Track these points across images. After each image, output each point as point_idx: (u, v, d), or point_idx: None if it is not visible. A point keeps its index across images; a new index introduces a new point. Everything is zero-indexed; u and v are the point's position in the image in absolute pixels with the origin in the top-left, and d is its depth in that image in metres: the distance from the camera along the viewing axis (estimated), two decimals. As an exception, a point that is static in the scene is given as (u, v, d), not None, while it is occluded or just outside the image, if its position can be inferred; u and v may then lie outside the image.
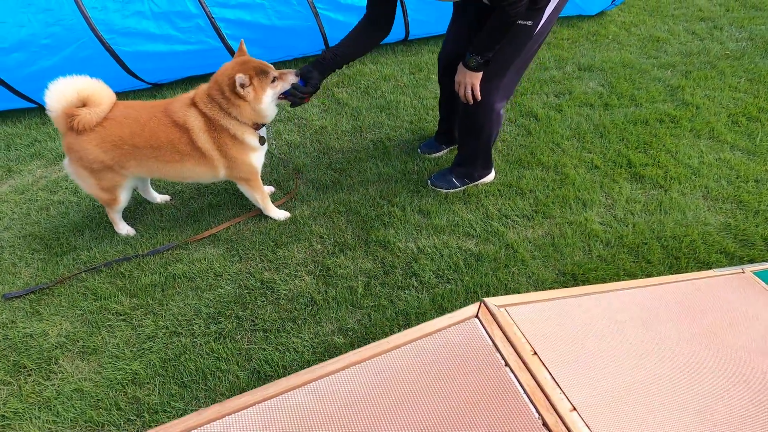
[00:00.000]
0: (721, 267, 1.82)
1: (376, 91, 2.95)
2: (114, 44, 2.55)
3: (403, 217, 2.13)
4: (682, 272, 1.93)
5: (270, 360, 1.62)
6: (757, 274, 1.45)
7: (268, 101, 1.75)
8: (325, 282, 1.87)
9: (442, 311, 1.78)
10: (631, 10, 3.95)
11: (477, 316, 0.92)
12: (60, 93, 1.60)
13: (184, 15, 2.64)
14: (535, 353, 0.87)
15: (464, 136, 2.13)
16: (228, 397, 1.54)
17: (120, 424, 1.47)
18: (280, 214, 2.09)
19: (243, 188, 1.99)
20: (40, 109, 2.78)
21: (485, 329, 0.89)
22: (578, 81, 3.07)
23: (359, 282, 1.87)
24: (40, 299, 1.81)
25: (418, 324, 1.72)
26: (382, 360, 0.84)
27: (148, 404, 1.51)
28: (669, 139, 2.59)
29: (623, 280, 1.91)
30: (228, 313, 1.76)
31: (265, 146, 1.94)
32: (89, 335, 1.70)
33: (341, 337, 1.70)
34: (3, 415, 1.49)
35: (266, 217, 2.14)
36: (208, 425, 0.72)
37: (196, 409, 1.52)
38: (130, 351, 1.65)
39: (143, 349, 1.66)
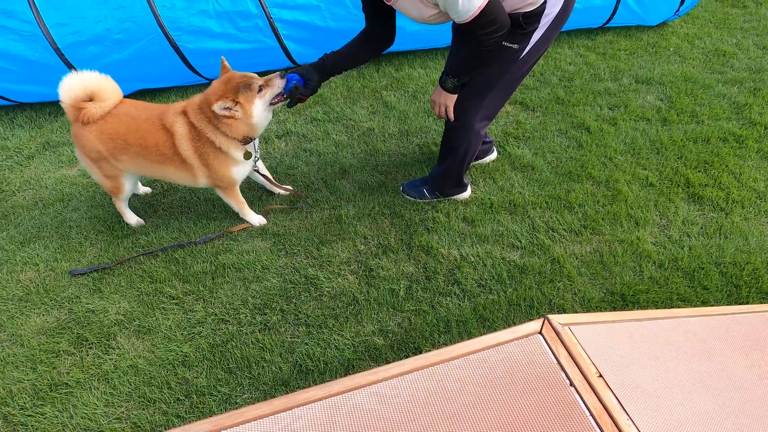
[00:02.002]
0: (788, 300, 1.71)
1: (424, 96, 2.95)
2: (179, 41, 2.68)
3: (447, 224, 2.13)
4: (743, 302, 1.82)
5: (312, 355, 1.66)
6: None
7: (259, 112, 1.77)
8: (367, 282, 1.90)
9: (483, 321, 1.77)
10: (695, 21, 3.76)
11: (540, 333, 0.91)
12: (69, 87, 1.71)
13: (245, 15, 2.74)
14: (601, 375, 0.85)
15: (442, 150, 2.09)
16: (271, 387, 1.60)
17: (170, 403, 1.54)
18: (256, 220, 2.13)
19: (220, 194, 2.05)
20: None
21: (549, 347, 0.88)
22: (635, 94, 2.96)
23: (401, 285, 1.88)
24: (101, 278, 1.93)
25: (458, 332, 1.73)
26: (443, 368, 0.84)
27: (196, 386, 1.58)
28: (732, 160, 2.45)
29: (677, 304, 1.83)
30: (273, 306, 1.82)
31: (251, 160, 1.96)
32: (144, 315, 1.79)
33: (381, 338, 1.71)
34: (66, 383, 1.60)
35: (312, 213, 2.19)
36: (278, 415, 0.76)
37: (240, 395, 1.58)
38: (181, 334, 1.73)
39: (193, 333, 1.74)
